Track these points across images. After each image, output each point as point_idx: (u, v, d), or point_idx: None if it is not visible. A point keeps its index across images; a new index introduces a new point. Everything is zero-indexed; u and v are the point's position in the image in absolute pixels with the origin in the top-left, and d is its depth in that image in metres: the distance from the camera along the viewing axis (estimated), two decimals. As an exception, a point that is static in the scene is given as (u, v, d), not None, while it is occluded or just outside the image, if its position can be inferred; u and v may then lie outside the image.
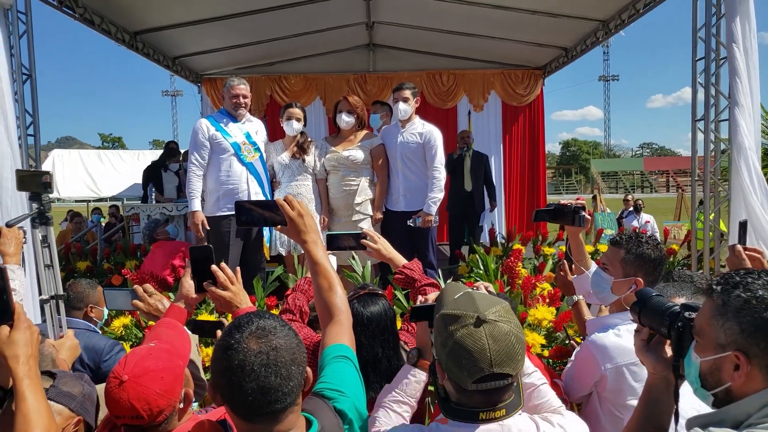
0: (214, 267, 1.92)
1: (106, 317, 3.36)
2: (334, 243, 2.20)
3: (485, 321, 1.35)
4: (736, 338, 1.22)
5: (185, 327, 1.98)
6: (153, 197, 6.54)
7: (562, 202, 2.70)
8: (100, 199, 13.28)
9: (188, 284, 1.98)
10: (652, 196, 42.26)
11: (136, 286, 2.20)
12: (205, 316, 3.72)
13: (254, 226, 1.79)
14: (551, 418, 1.50)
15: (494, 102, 9.64)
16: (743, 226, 2.71)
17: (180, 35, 7.63)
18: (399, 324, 2.45)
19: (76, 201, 15.09)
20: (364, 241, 2.05)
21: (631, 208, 10.79)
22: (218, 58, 8.91)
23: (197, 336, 2.25)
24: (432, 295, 1.86)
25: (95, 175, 12.60)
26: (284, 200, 1.79)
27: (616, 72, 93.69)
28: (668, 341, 1.45)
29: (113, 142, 79.88)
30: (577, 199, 2.78)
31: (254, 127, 4.90)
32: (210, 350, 3.47)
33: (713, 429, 1.20)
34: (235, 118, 4.79)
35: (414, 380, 1.78)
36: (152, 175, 7.41)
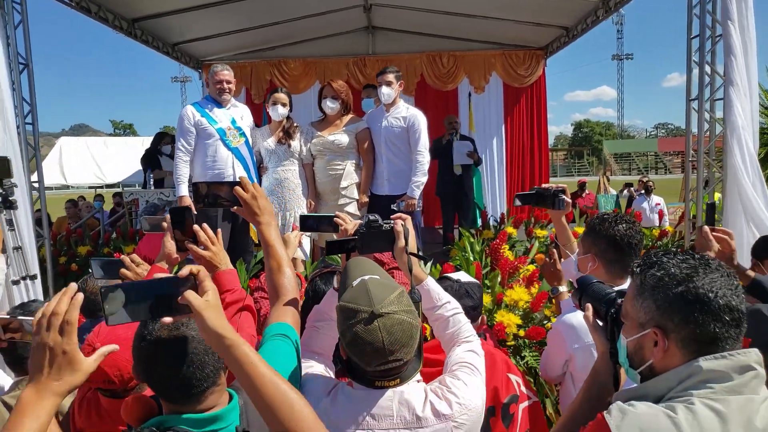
0: (195, 226, 1.97)
1: None
2: (305, 224, 2.22)
3: (379, 315, 1.44)
4: (653, 315, 1.27)
5: None
6: (151, 183, 6.63)
7: (543, 185, 2.70)
8: (107, 186, 13.46)
9: (170, 244, 2.02)
10: (666, 177, 41.72)
11: (123, 256, 2.23)
12: None
13: (215, 208, 1.84)
14: (444, 389, 1.59)
15: (495, 83, 9.56)
16: (711, 207, 2.71)
17: (178, 21, 7.66)
18: None
19: (90, 187, 15.29)
20: (336, 220, 2.09)
21: (642, 191, 10.63)
22: (218, 44, 8.95)
23: None
24: (351, 226, 1.93)
25: (101, 162, 12.76)
26: (239, 183, 1.82)
27: (630, 51, 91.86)
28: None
29: (124, 129, 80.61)
30: (579, 181, 2.75)
31: (239, 113, 4.95)
32: None
33: (634, 403, 1.23)
34: (220, 104, 4.83)
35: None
36: (150, 161, 7.50)
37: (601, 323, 1.54)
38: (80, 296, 1.24)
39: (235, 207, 1.84)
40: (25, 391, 1.18)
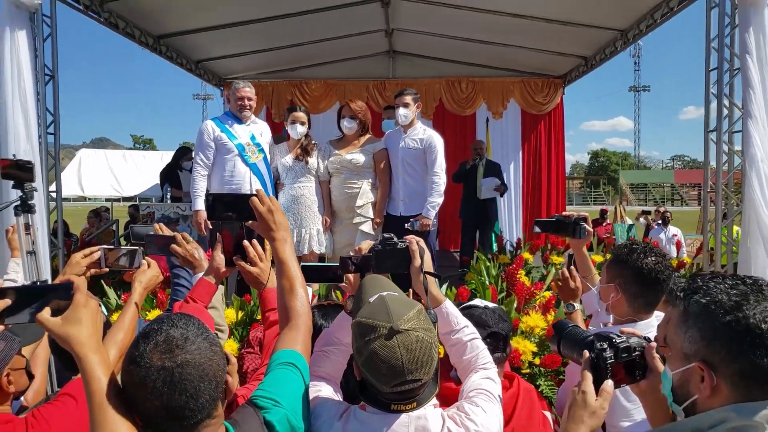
0: (246, 242, 1.96)
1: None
2: (308, 276, 2.09)
3: (398, 331, 1.39)
4: (699, 347, 1.15)
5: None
6: (168, 197, 6.70)
7: (564, 213, 2.63)
8: (124, 199, 13.61)
9: (219, 258, 2.02)
10: (682, 209, 41.39)
11: (176, 233, 2.27)
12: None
13: (225, 220, 1.80)
14: (462, 416, 1.54)
15: (513, 110, 9.61)
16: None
17: (203, 39, 7.79)
18: None
19: (106, 200, 15.46)
20: (343, 285, 2.07)
21: (660, 221, 10.50)
22: (240, 63, 9.08)
23: (222, 287, 2.27)
24: (365, 244, 1.88)
25: (119, 175, 12.91)
26: (255, 195, 1.76)
27: (647, 83, 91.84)
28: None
29: (144, 144, 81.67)
30: (601, 209, 2.72)
31: (259, 129, 5.01)
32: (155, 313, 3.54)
33: None
34: (240, 120, 4.90)
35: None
36: (169, 175, 7.59)
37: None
38: (4, 302, 1.26)
39: (250, 222, 1.78)
40: None
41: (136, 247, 2.14)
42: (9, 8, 4.69)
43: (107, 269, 2.12)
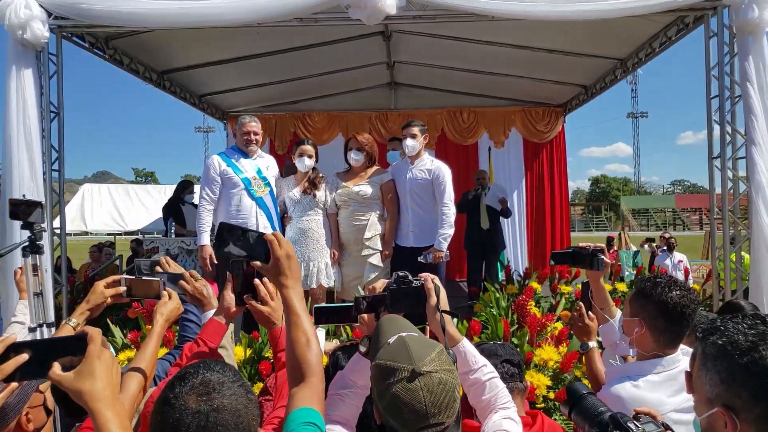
0: (257, 281, 1.91)
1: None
2: (322, 317, 2.06)
3: (420, 374, 1.36)
4: (719, 391, 1.11)
5: None
6: (173, 231, 6.68)
7: (580, 244, 2.58)
8: (126, 233, 13.60)
9: (230, 297, 1.98)
10: (684, 233, 41.33)
11: (183, 271, 2.27)
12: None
13: (231, 257, 1.74)
14: None
15: (515, 139, 9.66)
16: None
17: (206, 74, 7.88)
18: None
19: (108, 234, 15.45)
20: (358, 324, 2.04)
21: (665, 247, 10.43)
22: (243, 96, 9.17)
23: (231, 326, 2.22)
24: (379, 283, 1.84)
25: (122, 210, 12.93)
26: (271, 235, 1.66)
27: (644, 109, 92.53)
28: None
29: (146, 177, 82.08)
30: (608, 236, 2.68)
31: (265, 163, 5.02)
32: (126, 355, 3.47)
33: None
34: (246, 154, 4.91)
35: (366, 371, 1.71)
36: (171, 209, 7.58)
37: None
38: (23, 357, 1.21)
39: (259, 263, 1.66)
40: None
41: (158, 278, 2.12)
42: (15, 47, 4.75)
43: (128, 299, 2.10)
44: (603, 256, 2.46)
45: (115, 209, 12.81)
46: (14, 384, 1.23)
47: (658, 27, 5.88)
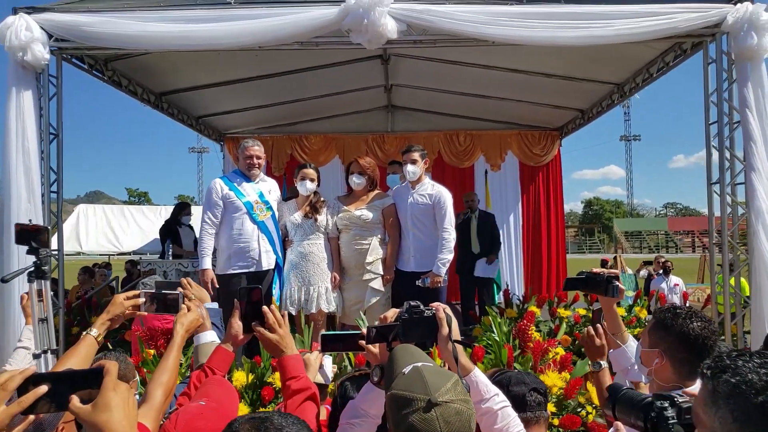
0: (265, 308, 1.91)
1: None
2: (327, 344, 2.10)
3: (437, 404, 1.36)
4: (731, 429, 1.11)
5: None
6: (170, 253, 6.62)
7: (594, 270, 2.56)
8: (121, 254, 13.51)
9: (237, 325, 1.95)
10: (677, 256, 41.48)
11: (204, 291, 2.33)
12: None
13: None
14: None
15: (511, 162, 9.70)
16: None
17: (203, 96, 7.91)
18: None
19: (100, 255, 15.33)
20: (361, 342, 2.04)
21: (661, 271, 10.42)
22: (240, 118, 9.19)
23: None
24: (390, 313, 1.85)
25: (117, 230, 12.85)
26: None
27: (637, 132, 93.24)
28: None
29: (139, 197, 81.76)
30: (602, 259, 2.69)
31: (267, 187, 5.00)
32: None
33: None
34: (249, 178, 4.89)
35: (378, 400, 1.75)
36: (169, 231, 7.53)
37: None
38: (42, 389, 1.20)
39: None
40: None
41: (177, 292, 2.12)
42: (15, 69, 4.75)
43: (146, 313, 2.10)
44: (618, 283, 2.46)
45: (110, 230, 12.75)
46: (32, 417, 1.22)
47: (655, 53, 5.96)
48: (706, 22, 4.72)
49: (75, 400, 1.22)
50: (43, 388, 1.19)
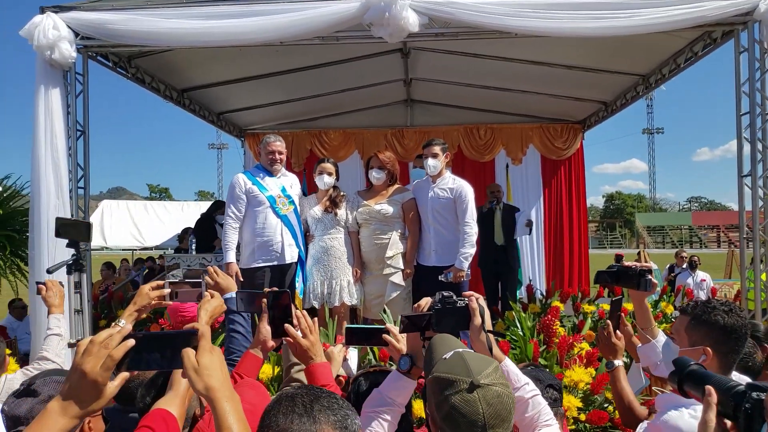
0: (297, 312, 1.92)
1: None
2: (352, 337, 2.12)
3: (479, 386, 1.40)
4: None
5: None
6: (193, 248, 6.67)
7: (626, 263, 2.54)
8: (144, 248, 13.71)
9: (266, 330, 1.95)
10: (701, 251, 40.85)
11: (231, 279, 2.36)
12: None
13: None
14: None
15: (533, 155, 9.56)
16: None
17: (224, 92, 7.95)
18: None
19: (123, 250, 15.55)
20: (385, 336, 2.04)
21: (685, 265, 10.24)
22: (261, 114, 9.22)
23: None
24: (424, 302, 1.88)
25: (140, 226, 13.03)
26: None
27: (660, 125, 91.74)
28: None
29: (160, 193, 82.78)
30: (616, 254, 2.67)
31: (289, 181, 5.04)
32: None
33: None
34: (270, 173, 4.92)
35: (405, 389, 1.81)
36: (202, 228, 7.62)
37: (729, 422, 1.30)
38: (130, 342, 1.23)
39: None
40: (52, 402, 1.21)
41: (200, 280, 2.16)
42: (44, 67, 4.81)
43: (170, 302, 2.13)
44: (650, 277, 2.42)
45: (133, 225, 12.94)
46: (126, 374, 1.25)
47: (683, 42, 5.82)
48: (738, 10, 4.61)
49: (191, 351, 1.26)
50: (132, 341, 1.22)
